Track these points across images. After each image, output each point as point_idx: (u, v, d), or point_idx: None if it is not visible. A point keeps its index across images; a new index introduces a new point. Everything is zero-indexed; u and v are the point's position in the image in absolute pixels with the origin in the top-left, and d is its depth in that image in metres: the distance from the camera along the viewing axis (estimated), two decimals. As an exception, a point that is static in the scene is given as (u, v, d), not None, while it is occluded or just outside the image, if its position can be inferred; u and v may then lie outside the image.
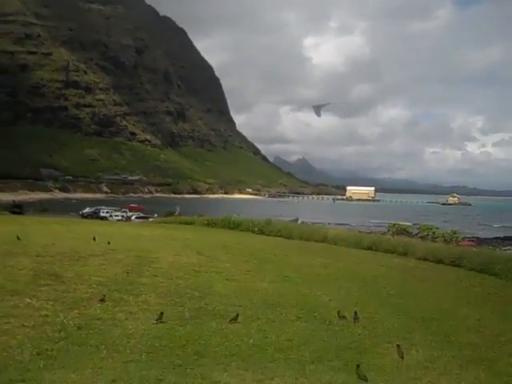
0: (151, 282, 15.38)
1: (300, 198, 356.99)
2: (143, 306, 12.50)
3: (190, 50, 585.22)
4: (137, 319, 11.44)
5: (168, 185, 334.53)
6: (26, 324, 10.56)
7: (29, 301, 12.18)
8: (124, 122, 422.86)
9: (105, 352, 9.34)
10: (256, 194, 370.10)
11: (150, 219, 77.27)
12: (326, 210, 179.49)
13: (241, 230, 41.61)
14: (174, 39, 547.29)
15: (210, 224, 46.05)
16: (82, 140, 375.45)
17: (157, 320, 11.43)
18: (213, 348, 9.90)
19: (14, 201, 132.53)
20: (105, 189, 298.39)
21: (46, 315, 11.19)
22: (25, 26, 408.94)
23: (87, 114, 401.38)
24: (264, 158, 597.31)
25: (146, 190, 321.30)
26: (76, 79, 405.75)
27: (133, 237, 28.76)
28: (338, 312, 12.65)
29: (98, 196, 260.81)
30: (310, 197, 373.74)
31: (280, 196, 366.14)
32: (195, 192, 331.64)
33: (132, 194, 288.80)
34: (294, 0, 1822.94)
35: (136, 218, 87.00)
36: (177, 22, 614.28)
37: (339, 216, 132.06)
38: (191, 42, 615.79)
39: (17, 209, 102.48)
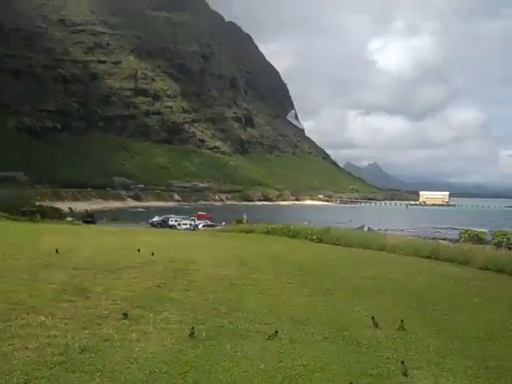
0: (179, 297, 14.75)
1: (372, 203, 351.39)
2: (161, 325, 11.84)
3: (255, 56, 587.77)
4: (148, 340, 10.77)
5: (238, 192, 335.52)
6: (29, 346, 10.06)
7: (43, 319, 11.73)
8: (192, 129, 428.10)
9: (97, 380, 8.69)
10: (327, 201, 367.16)
11: (217, 227, 77.17)
12: (398, 216, 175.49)
13: (299, 238, 40.94)
14: (239, 45, 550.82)
15: (269, 232, 45.55)
16: (151, 148, 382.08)
17: (189, 335, 11.00)
18: (216, 375, 9.07)
19: (86, 210, 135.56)
20: (176, 197, 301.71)
21: (54, 336, 10.68)
22: (94, 35, 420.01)
23: (156, 121, 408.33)
24: (334, 164, 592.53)
25: (217, 198, 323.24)
26: (144, 87, 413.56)
27: (181, 247, 28.45)
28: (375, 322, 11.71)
29: (170, 204, 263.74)
30: (383, 203, 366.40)
31: (352, 202, 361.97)
32: (266, 199, 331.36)
33: (203, 202, 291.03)
34: (358, 3, 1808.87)
35: (203, 226, 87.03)
36: (242, 28, 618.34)
37: (411, 222, 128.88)
38: (257, 48, 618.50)
39: (89, 218, 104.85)
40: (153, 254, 23.07)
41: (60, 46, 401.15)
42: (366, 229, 66.91)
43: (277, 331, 11.40)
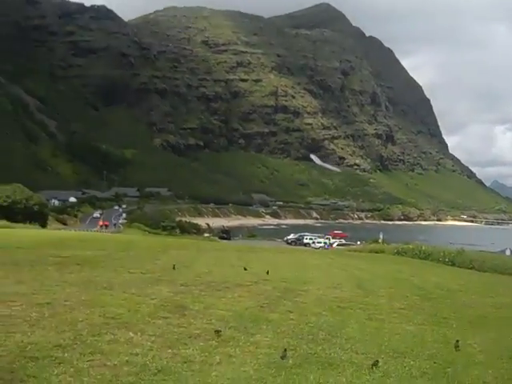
0: (278, 319, 14.07)
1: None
2: (249, 348, 11.23)
3: (397, 70, 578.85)
4: (230, 364, 10.19)
5: (378, 210, 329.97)
6: (107, 363, 9.80)
7: (131, 335, 11.51)
8: (332, 146, 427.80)
9: (159, 408, 8.23)
10: (471, 221, 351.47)
11: (352, 246, 76.07)
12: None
13: (431, 260, 39.06)
14: (380, 60, 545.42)
15: (399, 253, 43.97)
16: (291, 165, 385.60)
17: (281, 357, 10.51)
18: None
19: (223, 226, 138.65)
20: (314, 214, 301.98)
21: (136, 354, 10.36)
22: (236, 54, 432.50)
23: (296, 138, 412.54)
24: (479, 182, 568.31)
25: (356, 216, 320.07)
26: (285, 104, 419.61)
27: (300, 266, 27.79)
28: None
29: (308, 222, 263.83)
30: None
31: (498, 223, 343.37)
32: (406, 218, 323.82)
33: (342, 220, 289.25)
34: (502, 11, 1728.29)
35: (337, 245, 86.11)
36: (383, 42, 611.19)
37: None
38: (398, 62, 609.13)
39: (225, 234, 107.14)
40: (267, 272, 22.63)
41: (204, 66, 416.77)
42: (508, 253, 62.82)
43: (377, 361, 10.51)
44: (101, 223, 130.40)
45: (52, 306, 13.63)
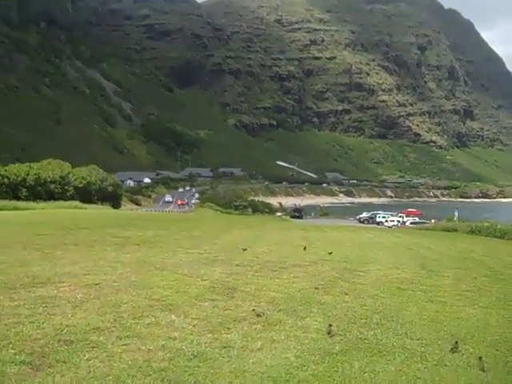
0: (332, 302, 13.36)
1: None
2: (295, 333, 10.61)
3: (477, 43, 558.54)
4: (271, 350, 9.60)
5: (455, 188, 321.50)
6: (142, 348, 9.38)
7: (173, 318, 11.09)
8: (408, 123, 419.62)
9: (187, 398, 7.72)
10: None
11: (426, 225, 74.25)
12: None
13: (507, 239, 37.27)
14: (459, 33, 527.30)
15: (473, 231, 42.19)
16: (365, 143, 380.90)
17: (328, 333, 10.22)
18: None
19: (295, 205, 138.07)
20: (389, 193, 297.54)
21: (174, 338, 9.91)
22: (309, 32, 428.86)
23: (370, 116, 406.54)
24: None
25: (432, 194, 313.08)
26: (359, 81, 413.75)
27: (365, 245, 26.91)
28: None
29: (383, 200, 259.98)
30: None
31: None
32: (485, 196, 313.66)
33: (417, 198, 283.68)
34: None
35: (411, 223, 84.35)
36: (462, 14, 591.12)
37: None
38: (478, 34, 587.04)
39: (297, 213, 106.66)
40: (331, 252, 21.87)
41: (277, 44, 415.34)
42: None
43: (457, 342, 9.88)
44: (179, 202, 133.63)
45: (100, 287, 13.42)
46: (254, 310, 11.60)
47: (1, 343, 9.03)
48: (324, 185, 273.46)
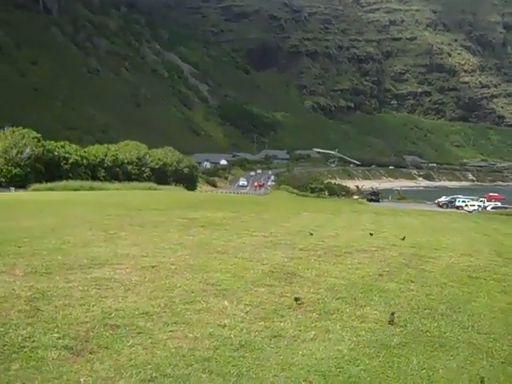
0: (396, 290, 12.63)
1: None
2: (352, 323, 9.99)
3: None
4: (324, 341, 9.01)
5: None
6: (189, 335, 8.98)
7: (226, 304, 10.67)
8: (491, 105, 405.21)
9: (223, 390, 7.26)
10: None
11: (508, 210, 71.86)
12: None
13: None
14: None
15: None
16: (446, 125, 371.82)
17: (389, 322, 9.73)
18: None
19: (372, 188, 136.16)
20: (470, 176, 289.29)
21: (223, 326, 9.49)
22: (389, 12, 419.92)
23: (451, 98, 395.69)
24: None
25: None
26: (440, 62, 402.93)
27: (437, 230, 25.87)
28: None
29: (464, 184, 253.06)
30: None
31: None
32: None
33: (500, 183, 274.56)
34: None
35: (492, 208, 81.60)
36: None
37: None
38: None
39: (373, 196, 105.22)
40: (404, 238, 20.97)
41: (355, 26, 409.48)
42: None
43: None
44: (256, 184, 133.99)
45: (156, 269, 13.17)
46: (296, 298, 11.01)
47: (47, 326, 8.84)
48: (403, 168, 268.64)
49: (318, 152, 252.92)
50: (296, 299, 10.87)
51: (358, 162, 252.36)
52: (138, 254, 14.92)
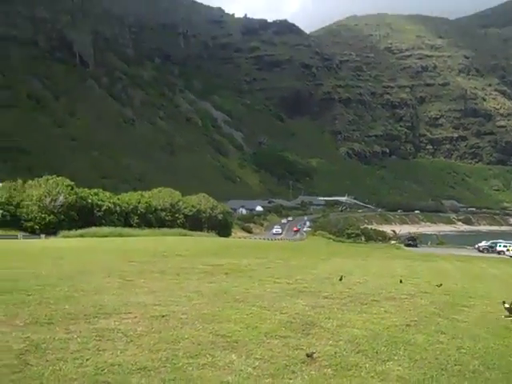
0: (423, 342, 11.52)
1: None
2: (371, 381, 8.97)
3: None
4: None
5: None
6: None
7: (233, 358, 9.65)
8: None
9: None
10: None
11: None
12: None
13: None
14: None
15: None
16: (483, 170, 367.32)
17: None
18: None
19: (410, 233, 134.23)
20: (511, 221, 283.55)
21: (227, 383, 8.62)
22: (421, 59, 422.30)
23: (488, 142, 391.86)
24: None
25: None
26: (474, 107, 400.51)
27: (473, 277, 24.64)
28: None
29: (504, 228, 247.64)
30: None
31: None
32: None
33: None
34: None
35: (535, 253, 79.13)
36: None
37: None
38: None
39: (411, 241, 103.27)
40: (440, 285, 19.76)
41: (387, 72, 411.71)
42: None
43: None
44: (294, 228, 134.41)
45: (166, 319, 12.35)
46: (307, 353, 10.01)
47: (31, 383, 8.09)
48: (441, 213, 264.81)
49: (325, 200, 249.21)
50: (308, 355, 9.90)
51: (372, 206, 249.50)
52: (150, 303, 14.12)
